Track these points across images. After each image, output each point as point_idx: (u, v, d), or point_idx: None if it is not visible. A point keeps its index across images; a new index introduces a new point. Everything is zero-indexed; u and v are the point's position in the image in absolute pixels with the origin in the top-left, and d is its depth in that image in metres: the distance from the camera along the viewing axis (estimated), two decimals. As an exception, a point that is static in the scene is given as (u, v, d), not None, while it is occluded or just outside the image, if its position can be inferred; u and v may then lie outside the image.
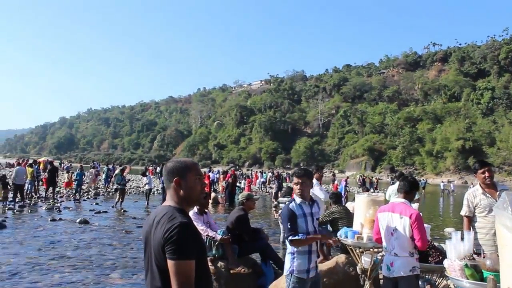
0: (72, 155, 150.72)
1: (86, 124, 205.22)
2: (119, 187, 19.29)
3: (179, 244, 2.17)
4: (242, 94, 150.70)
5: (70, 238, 11.42)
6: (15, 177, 18.54)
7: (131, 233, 12.56)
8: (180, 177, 2.40)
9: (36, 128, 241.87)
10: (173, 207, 2.36)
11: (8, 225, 13.09)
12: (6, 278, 7.60)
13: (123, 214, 16.94)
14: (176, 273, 2.15)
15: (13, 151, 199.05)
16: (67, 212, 16.73)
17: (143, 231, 2.47)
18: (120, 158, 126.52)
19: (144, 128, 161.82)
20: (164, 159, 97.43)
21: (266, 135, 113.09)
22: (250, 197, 7.52)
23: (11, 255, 9.34)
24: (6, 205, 17.76)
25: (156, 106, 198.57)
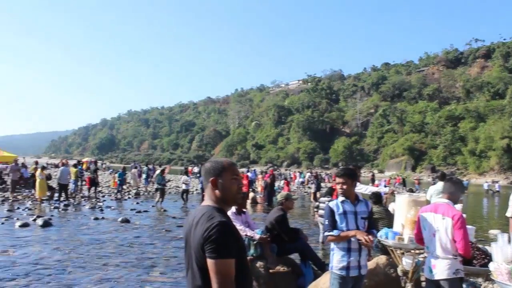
0: (113, 155, 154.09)
1: (126, 125, 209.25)
2: (159, 187, 19.58)
3: (218, 243, 2.18)
4: (280, 94, 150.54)
5: (112, 237, 11.66)
6: (60, 177, 19.15)
7: (171, 232, 12.71)
8: (217, 177, 2.42)
9: (79, 130, 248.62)
10: (211, 206, 2.38)
11: (54, 223, 13.54)
12: (53, 274, 7.83)
13: (163, 214, 17.17)
14: (216, 272, 2.16)
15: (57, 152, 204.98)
16: (109, 211, 17.10)
17: (183, 231, 2.49)
18: (160, 158, 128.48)
19: (183, 129, 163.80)
20: (202, 159, 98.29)
21: (304, 135, 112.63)
22: (289, 197, 7.50)
23: (57, 252, 9.62)
24: (52, 204, 18.35)
25: (194, 107, 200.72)
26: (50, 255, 9.30)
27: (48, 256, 9.21)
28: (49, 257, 9.11)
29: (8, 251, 9.60)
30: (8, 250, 9.64)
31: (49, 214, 15.49)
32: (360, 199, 4.46)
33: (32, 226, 12.90)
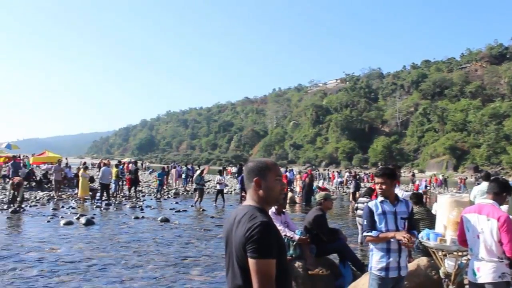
0: (153, 155, 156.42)
1: (165, 126, 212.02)
2: (198, 187, 19.76)
3: (260, 243, 2.18)
4: (318, 94, 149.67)
5: (152, 236, 11.85)
6: (102, 177, 19.61)
7: (210, 232, 12.81)
8: (261, 177, 2.41)
9: (119, 131, 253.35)
10: (253, 206, 2.38)
11: (96, 222, 13.88)
12: (95, 271, 8.02)
13: (202, 213, 17.32)
14: (257, 271, 2.16)
15: (99, 153, 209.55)
16: (149, 211, 17.38)
17: (224, 230, 2.50)
18: (198, 158, 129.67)
19: (221, 129, 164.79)
20: (240, 160, 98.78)
21: (343, 134, 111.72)
22: (328, 197, 7.44)
23: (99, 250, 9.85)
24: (94, 203, 18.82)
25: (232, 107, 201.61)
26: (93, 253, 9.53)
27: (91, 254, 9.44)
28: (91, 255, 9.34)
29: (53, 248, 9.90)
30: (54, 247, 9.94)
31: (92, 213, 15.89)
32: (400, 199, 4.39)
33: (75, 224, 13.26)
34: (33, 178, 26.03)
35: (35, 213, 15.72)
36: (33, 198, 19.72)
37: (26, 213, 15.51)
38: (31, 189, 23.71)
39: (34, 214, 15.47)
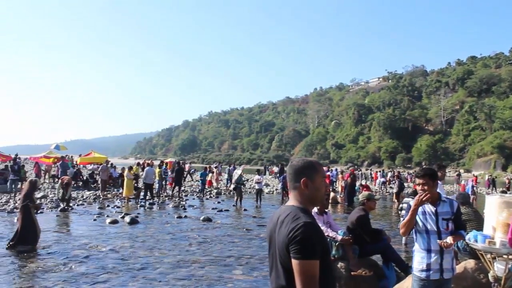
0: (195, 156, 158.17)
1: (207, 126, 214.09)
2: (238, 186, 19.83)
3: (303, 244, 2.16)
4: (360, 92, 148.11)
5: (194, 235, 11.98)
6: (146, 177, 19.96)
7: (252, 231, 12.84)
8: (308, 177, 2.40)
9: (162, 131, 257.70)
10: (296, 206, 2.37)
11: (140, 221, 14.15)
12: (140, 269, 8.18)
13: (243, 213, 17.39)
14: (301, 272, 2.15)
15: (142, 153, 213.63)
16: (191, 210, 17.59)
17: (267, 230, 2.50)
18: (240, 158, 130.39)
19: (262, 129, 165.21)
20: (282, 159, 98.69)
21: (386, 133, 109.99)
22: (371, 198, 7.34)
23: (143, 248, 10.04)
24: (138, 202, 19.19)
25: (273, 107, 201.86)
26: (137, 251, 9.73)
27: (135, 252, 9.63)
28: (136, 253, 9.54)
29: (99, 245, 10.15)
30: (100, 245, 10.19)
31: (136, 212, 16.21)
32: (443, 199, 4.25)
33: (120, 223, 13.58)
34: (80, 178, 26.73)
35: (82, 211, 16.19)
36: (80, 197, 20.29)
37: (73, 212, 16.00)
38: (78, 188, 24.38)
39: (81, 212, 15.93)
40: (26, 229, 9.63)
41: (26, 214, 9.69)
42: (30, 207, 9.79)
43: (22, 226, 9.65)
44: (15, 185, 18.48)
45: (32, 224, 9.74)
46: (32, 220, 9.75)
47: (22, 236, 9.60)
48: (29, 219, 9.70)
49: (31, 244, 9.61)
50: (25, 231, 9.63)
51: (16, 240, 9.60)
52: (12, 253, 9.25)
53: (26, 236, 9.60)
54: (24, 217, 9.68)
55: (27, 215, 9.70)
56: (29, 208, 9.74)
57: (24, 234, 9.60)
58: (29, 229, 9.67)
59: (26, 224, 9.64)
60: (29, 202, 9.79)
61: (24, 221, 9.66)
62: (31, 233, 9.68)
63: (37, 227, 9.84)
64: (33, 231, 9.77)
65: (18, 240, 9.57)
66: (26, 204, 9.75)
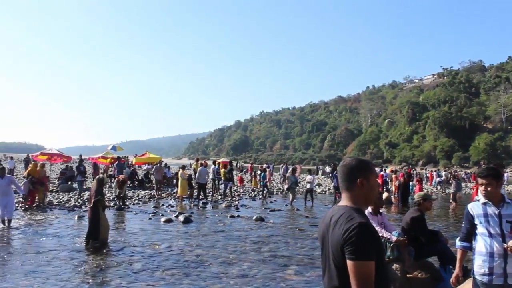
0: (247, 156, 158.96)
1: (259, 126, 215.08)
2: (291, 186, 19.79)
3: (358, 245, 2.14)
4: (414, 90, 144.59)
5: (247, 234, 12.05)
6: (199, 177, 20.24)
7: (304, 231, 12.77)
8: (363, 177, 2.38)
9: (214, 132, 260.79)
10: (350, 207, 2.34)
11: (194, 220, 14.38)
12: (194, 267, 8.31)
13: (296, 213, 17.32)
14: (356, 273, 2.13)
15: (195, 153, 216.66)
16: (244, 210, 17.69)
17: (319, 231, 2.48)
18: (292, 158, 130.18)
19: (314, 129, 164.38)
20: (334, 159, 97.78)
21: (441, 132, 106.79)
22: (427, 198, 7.14)
23: (197, 247, 10.20)
24: (192, 202, 19.50)
25: (325, 106, 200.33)
26: (191, 249, 9.89)
27: (190, 250, 9.80)
28: (190, 251, 9.70)
29: (155, 244, 10.39)
30: (155, 243, 10.44)
31: (190, 211, 16.47)
32: (507, 200, 4.04)
33: (175, 222, 13.85)
34: (136, 177, 27.41)
35: (137, 210, 16.62)
36: (136, 197, 20.82)
37: (129, 211, 16.45)
38: (134, 188, 25.04)
39: (137, 211, 16.36)
40: (93, 225, 10.07)
41: (94, 211, 10.13)
42: (100, 205, 10.19)
43: (90, 222, 10.11)
44: (80, 185, 19.21)
45: (98, 220, 10.12)
46: (98, 217, 10.13)
47: (91, 232, 10.04)
48: (97, 215, 10.11)
49: (96, 239, 10.02)
50: (93, 227, 10.05)
51: (87, 235, 10.08)
52: (73, 249, 9.64)
53: (94, 231, 10.03)
54: (92, 213, 10.13)
55: (95, 212, 10.11)
56: (98, 205, 10.15)
57: (92, 230, 10.03)
58: (96, 225, 10.07)
59: (94, 220, 10.08)
60: (100, 198, 10.23)
61: (93, 217, 10.11)
62: (98, 228, 10.08)
63: (101, 224, 10.20)
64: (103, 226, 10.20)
65: (88, 235, 10.03)
66: (96, 200, 10.16)
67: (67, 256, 9.06)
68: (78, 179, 19.43)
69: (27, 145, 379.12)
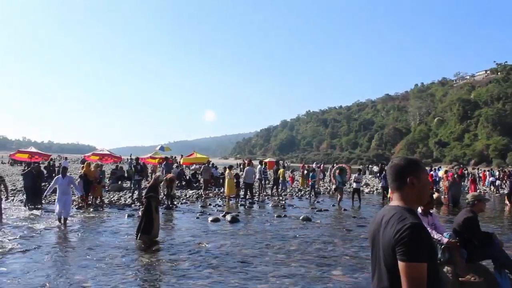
0: (293, 155, 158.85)
1: (305, 126, 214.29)
2: (339, 186, 19.61)
3: (410, 246, 2.09)
4: (465, 87, 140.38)
5: (294, 234, 12.01)
6: (245, 177, 20.35)
7: (352, 232, 12.63)
8: (414, 176, 2.33)
9: (261, 131, 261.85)
10: (401, 207, 2.29)
11: (241, 219, 14.47)
12: (240, 267, 8.36)
13: (343, 213, 17.14)
14: (408, 275, 2.07)
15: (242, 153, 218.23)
16: (291, 210, 17.65)
17: (369, 231, 2.44)
18: (339, 157, 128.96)
19: (361, 128, 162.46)
20: (382, 158, 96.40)
21: (494, 130, 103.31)
22: (481, 199, 6.88)
23: (244, 246, 10.25)
24: (239, 201, 19.62)
25: (372, 105, 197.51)
26: (238, 249, 9.95)
27: (236, 249, 9.86)
28: (237, 251, 9.76)
29: (202, 243, 10.51)
30: (203, 242, 10.55)
31: (237, 211, 16.58)
32: None
33: (222, 221, 13.98)
34: (184, 177, 27.82)
35: (185, 210, 16.88)
36: (184, 196, 21.13)
37: (178, 210, 16.73)
38: (182, 187, 25.43)
39: (185, 211, 16.61)
40: (144, 220, 10.31)
41: (147, 206, 10.37)
42: (152, 201, 10.41)
43: (142, 217, 10.36)
44: (138, 185, 19.70)
45: (150, 216, 10.34)
46: (150, 212, 10.35)
47: (141, 226, 10.30)
48: (148, 211, 10.34)
49: (148, 234, 10.25)
50: (144, 222, 10.29)
51: (137, 229, 10.40)
52: (123, 246, 9.88)
53: (145, 226, 10.27)
54: (145, 209, 10.39)
55: (147, 207, 10.35)
56: (150, 201, 10.37)
57: (143, 225, 10.28)
58: (148, 220, 10.30)
59: (145, 215, 10.32)
60: (152, 194, 10.46)
61: (144, 212, 10.35)
62: (149, 224, 10.30)
63: (154, 220, 10.41)
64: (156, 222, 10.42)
65: (138, 229, 10.29)
66: (149, 196, 10.40)
67: (118, 253, 9.30)
68: (136, 178, 19.90)
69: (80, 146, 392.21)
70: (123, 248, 9.86)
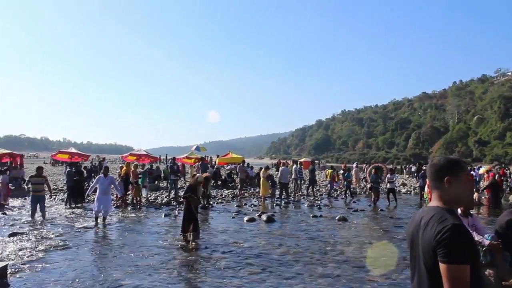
0: (329, 155, 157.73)
1: (341, 125, 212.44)
2: (374, 186, 19.37)
3: (452, 248, 2.04)
4: (506, 84, 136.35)
5: (330, 234, 11.94)
6: (281, 176, 20.33)
7: (389, 233, 12.45)
8: (452, 176, 2.27)
9: (296, 131, 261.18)
10: (441, 207, 2.24)
11: (276, 219, 14.48)
12: (276, 266, 8.34)
13: (380, 213, 16.94)
14: (450, 277, 2.02)
15: (277, 153, 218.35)
16: (326, 210, 17.55)
17: (408, 232, 2.40)
18: (375, 157, 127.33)
19: (398, 127, 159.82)
20: (419, 158, 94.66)
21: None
22: (523, 200, 6.69)
23: (280, 246, 10.23)
24: (274, 201, 19.62)
25: (409, 104, 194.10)
26: (274, 248, 9.95)
27: (272, 249, 9.86)
28: (273, 250, 9.76)
29: (238, 242, 10.56)
30: (239, 242, 10.60)
31: (272, 211, 16.58)
32: None
33: (257, 221, 14.02)
34: (219, 177, 28.00)
35: (221, 209, 17.00)
36: (219, 196, 21.27)
37: (213, 209, 16.86)
38: (217, 187, 25.61)
39: (221, 210, 16.73)
40: (185, 219, 10.42)
41: (186, 205, 10.49)
42: (190, 200, 10.50)
43: (184, 217, 10.48)
44: (174, 185, 19.97)
45: (190, 214, 10.41)
46: (190, 211, 10.43)
47: (185, 225, 10.42)
48: (188, 210, 10.44)
49: (195, 230, 10.34)
50: (188, 221, 10.38)
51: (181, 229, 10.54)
52: (160, 245, 10.03)
53: (187, 225, 10.38)
54: (184, 208, 10.50)
55: (187, 207, 10.46)
56: (189, 200, 10.48)
57: (189, 224, 10.38)
58: (188, 219, 10.39)
59: (186, 214, 10.44)
60: (190, 194, 10.55)
61: (184, 211, 10.47)
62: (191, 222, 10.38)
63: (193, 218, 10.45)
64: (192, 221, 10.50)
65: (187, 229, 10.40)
66: (187, 196, 10.51)
67: (155, 251, 9.45)
68: (172, 178, 20.19)
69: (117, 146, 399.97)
70: (160, 246, 10.03)
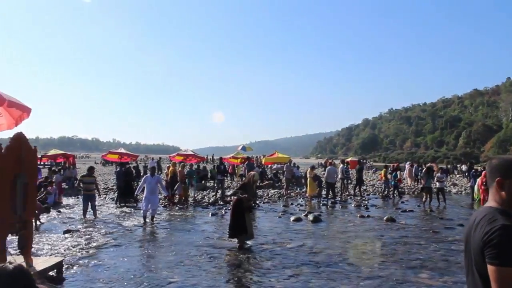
0: (376, 154, 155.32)
1: (388, 124, 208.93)
2: (426, 186, 18.93)
3: (500, 249, 1.96)
4: None
5: (378, 235, 11.78)
6: (327, 176, 20.21)
7: (439, 234, 12.15)
8: (504, 176, 2.18)
9: (342, 131, 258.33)
10: (494, 208, 2.17)
11: (323, 219, 14.41)
12: (324, 266, 8.29)
13: (430, 214, 16.56)
14: (497, 280, 1.95)
15: (323, 152, 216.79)
16: (374, 210, 17.32)
17: (464, 233, 2.34)
18: (424, 156, 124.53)
19: (447, 125, 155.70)
20: (470, 157, 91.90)
21: None
22: None
23: (327, 246, 10.17)
24: (321, 201, 19.53)
25: (459, 101, 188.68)
26: (321, 248, 9.92)
27: (319, 249, 9.83)
28: (320, 250, 9.73)
29: (284, 242, 10.57)
30: (285, 241, 10.62)
31: (318, 211, 16.51)
32: None
33: (304, 221, 13.99)
34: (265, 177, 28.07)
35: (267, 209, 17.06)
36: (266, 195, 21.34)
37: (260, 209, 16.92)
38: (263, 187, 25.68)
39: (267, 210, 16.79)
40: (233, 219, 10.38)
41: (238, 205, 10.46)
42: (238, 198, 10.49)
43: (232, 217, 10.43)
44: (221, 184, 20.24)
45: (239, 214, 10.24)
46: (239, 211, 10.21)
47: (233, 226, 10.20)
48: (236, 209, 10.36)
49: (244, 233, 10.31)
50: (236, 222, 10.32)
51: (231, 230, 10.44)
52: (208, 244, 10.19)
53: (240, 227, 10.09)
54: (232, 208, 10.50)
55: (235, 206, 10.43)
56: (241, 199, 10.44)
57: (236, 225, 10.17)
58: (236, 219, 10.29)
59: (233, 214, 10.39)
60: (240, 191, 10.52)
61: (234, 211, 10.45)
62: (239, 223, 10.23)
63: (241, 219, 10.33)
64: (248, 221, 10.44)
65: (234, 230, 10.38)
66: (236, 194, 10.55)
67: (202, 250, 9.61)
68: (218, 177, 20.48)
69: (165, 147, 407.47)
70: (207, 245, 10.17)
